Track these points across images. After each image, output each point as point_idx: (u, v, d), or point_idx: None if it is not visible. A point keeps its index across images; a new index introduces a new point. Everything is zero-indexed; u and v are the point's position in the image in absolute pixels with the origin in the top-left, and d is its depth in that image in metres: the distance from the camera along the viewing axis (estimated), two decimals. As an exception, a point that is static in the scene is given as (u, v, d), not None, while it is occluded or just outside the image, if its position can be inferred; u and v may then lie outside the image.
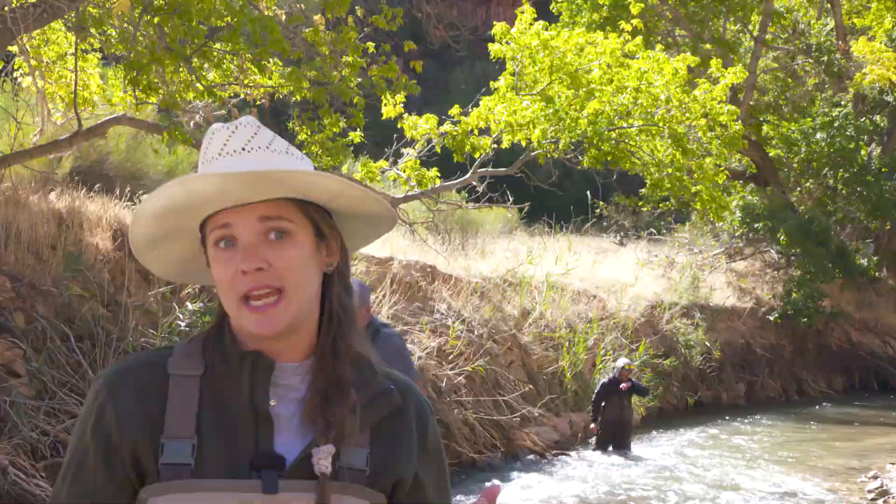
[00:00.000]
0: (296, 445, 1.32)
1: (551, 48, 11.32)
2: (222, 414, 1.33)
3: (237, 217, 1.33)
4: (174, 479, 1.28)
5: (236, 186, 1.31)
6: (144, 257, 1.45)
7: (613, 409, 10.71)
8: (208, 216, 1.36)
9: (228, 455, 1.30)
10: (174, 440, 1.29)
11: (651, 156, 12.25)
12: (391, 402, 1.40)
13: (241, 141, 1.36)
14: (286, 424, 1.34)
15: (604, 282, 15.24)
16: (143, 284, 7.60)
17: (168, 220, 1.38)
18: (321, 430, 1.31)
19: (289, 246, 1.34)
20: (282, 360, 1.37)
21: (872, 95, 19.42)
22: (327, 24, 8.79)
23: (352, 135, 8.94)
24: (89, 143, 9.90)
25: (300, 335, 1.38)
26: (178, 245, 1.44)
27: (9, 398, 5.68)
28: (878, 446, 11.73)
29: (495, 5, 52.99)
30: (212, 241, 1.35)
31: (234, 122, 1.40)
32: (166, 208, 1.36)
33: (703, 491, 8.93)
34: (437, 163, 11.47)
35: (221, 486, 1.27)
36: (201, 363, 1.36)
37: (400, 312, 10.06)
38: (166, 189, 1.34)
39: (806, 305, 16.61)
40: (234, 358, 1.35)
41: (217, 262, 1.34)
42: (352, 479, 1.33)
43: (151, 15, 7.24)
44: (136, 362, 1.38)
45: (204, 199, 1.33)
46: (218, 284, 1.35)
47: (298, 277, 1.34)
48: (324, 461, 1.29)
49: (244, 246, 1.32)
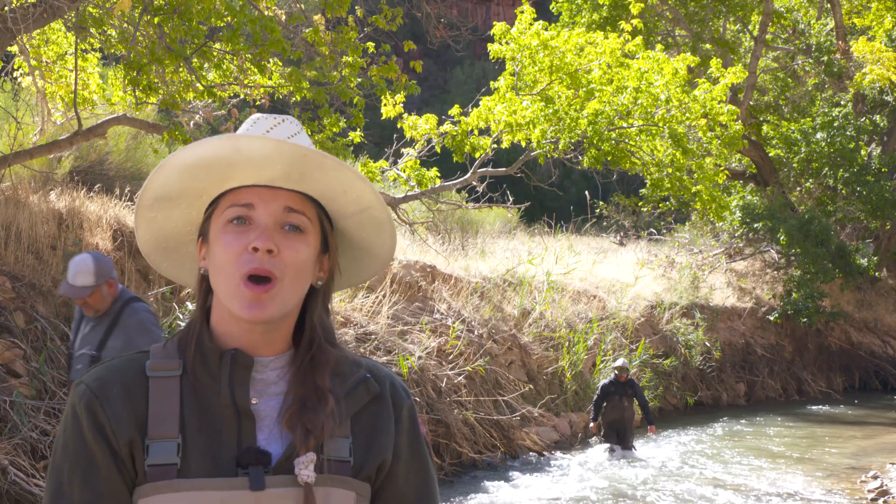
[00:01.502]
0: (278, 441, 1.33)
1: (551, 48, 11.33)
2: (204, 413, 1.33)
3: (261, 199, 1.34)
4: (161, 479, 1.28)
5: (284, 158, 1.32)
6: (144, 213, 1.42)
7: (614, 409, 10.72)
8: (228, 191, 1.36)
9: (213, 453, 1.30)
10: (159, 441, 1.30)
11: (651, 156, 12.26)
12: (369, 390, 1.41)
13: (285, 132, 1.39)
14: (268, 421, 1.35)
15: (604, 282, 15.25)
16: (143, 284, 7.60)
17: (193, 178, 1.37)
18: (300, 438, 1.31)
19: (300, 241, 1.35)
20: (258, 355, 1.37)
21: (872, 95, 19.42)
22: (327, 24, 8.79)
23: (352, 135, 8.94)
24: (89, 143, 9.91)
25: (277, 333, 1.38)
26: (177, 215, 1.43)
27: (9, 398, 5.68)
28: (878, 446, 11.74)
29: (495, 5, 53.05)
30: (224, 218, 1.35)
31: (280, 115, 1.42)
32: (202, 161, 1.34)
33: (703, 491, 8.93)
34: (437, 163, 11.48)
35: (209, 485, 1.28)
36: (179, 364, 1.36)
37: (400, 312, 10.07)
38: (212, 141, 1.33)
39: (806, 305, 16.61)
40: (214, 356, 1.35)
41: (225, 236, 1.34)
42: (337, 470, 1.33)
43: (151, 15, 7.24)
44: (115, 366, 1.37)
45: (247, 160, 1.32)
46: (218, 262, 1.34)
47: (297, 273, 1.35)
48: (305, 471, 1.29)
49: (262, 226, 1.33)
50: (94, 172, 10.48)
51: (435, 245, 13.41)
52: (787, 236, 16.83)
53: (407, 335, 9.75)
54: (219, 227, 1.36)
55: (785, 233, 16.86)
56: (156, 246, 1.47)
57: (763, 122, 20.16)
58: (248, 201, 1.34)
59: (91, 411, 1.31)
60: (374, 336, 9.27)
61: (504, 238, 18.33)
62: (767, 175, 19.33)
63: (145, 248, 1.47)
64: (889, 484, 8.91)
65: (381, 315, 9.66)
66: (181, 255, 1.48)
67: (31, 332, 6.32)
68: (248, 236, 1.33)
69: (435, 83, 45.36)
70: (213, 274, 1.36)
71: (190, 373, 1.35)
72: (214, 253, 1.36)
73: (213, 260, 1.36)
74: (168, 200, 1.41)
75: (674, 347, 14.61)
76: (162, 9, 7.18)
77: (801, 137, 18.28)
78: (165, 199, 1.41)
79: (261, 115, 1.42)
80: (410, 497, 1.42)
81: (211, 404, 1.33)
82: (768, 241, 18.12)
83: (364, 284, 9.99)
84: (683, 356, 14.70)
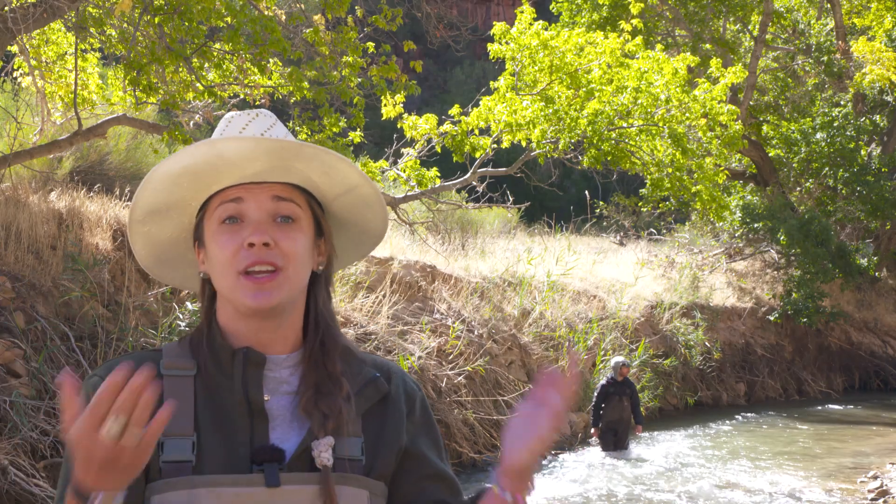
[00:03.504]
0: (291, 439, 1.33)
1: (551, 48, 11.33)
2: (218, 411, 1.34)
3: (250, 193, 1.36)
4: (176, 475, 1.28)
5: (264, 154, 1.33)
6: (137, 228, 1.43)
7: (614, 410, 10.72)
8: (215, 193, 1.38)
9: (228, 450, 1.31)
10: (174, 438, 1.30)
11: (651, 156, 12.25)
12: (378, 389, 1.42)
13: (260, 128, 1.40)
14: (280, 419, 1.35)
15: (604, 282, 15.25)
16: (143, 284, 7.60)
17: (180, 187, 1.38)
18: (318, 422, 1.32)
19: (294, 230, 1.37)
20: (270, 353, 1.38)
21: (872, 95, 19.42)
22: (327, 24, 8.79)
23: (352, 135, 8.95)
24: (89, 143, 9.91)
25: (287, 326, 1.39)
26: (170, 225, 1.44)
27: (9, 398, 5.67)
28: (878, 446, 11.73)
29: (495, 5, 53.05)
30: (217, 219, 1.36)
31: (253, 110, 1.43)
32: (185, 170, 1.35)
33: (703, 491, 8.93)
34: (437, 163, 11.48)
35: (224, 481, 1.28)
36: (193, 363, 1.37)
37: (400, 312, 10.06)
38: (191, 149, 1.34)
39: (806, 305, 16.61)
40: (226, 355, 1.36)
41: (220, 237, 1.35)
42: (350, 469, 1.34)
43: (151, 15, 7.24)
44: (128, 360, 1.36)
45: (229, 162, 1.33)
46: (217, 263, 1.36)
47: (298, 261, 1.36)
48: (325, 453, 1.30)
49: (254, 221, 1.35)
50: (94, 172, 10.48)
51: (435, 245, 13.41)
52: (787, 236, 16.83)
53: (407, 335, 9.75)
54: (212, 228, 1.37)
55: (785, 233, 16.86)
56: (154, 258, 1.49)
57: (763, 122, 20.16)
58: (237, 196, 1.36)
59: None
60: (374, 336, 9.27)
61: (504, 238, 18.33)
62: (767, 175, 19.33)
63: (144, 262, 1.49)
64: (889, 484, 8.90)
65: (381, 315, 9.66)
66: (180, 262, 1.50)
67: (31, 332, 6.32)
68: (241, 234, 1.34)
69: (435, 83, 45.36)
70: (214, 275, 1.37)
71: (204, 372, 1.36)
72: (211, 254, 1.37)
73: (211, 261, 1.37)
74: (158, 213, 1.42)
75: (674, 347, 14.61)
76: (162, 9, 7.18)
77: (801, 137, 18.28)
78: (156, 212, 1.42)
79: (234, 112, 1.43)
80: (432, 475, 1.44)
81: (225, 402, 1.34)
82: (768, 241, 18.12)
83: (364, 284, 9.99)
84: (683, 356, 14.70)
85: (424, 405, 1.48)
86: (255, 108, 8.03)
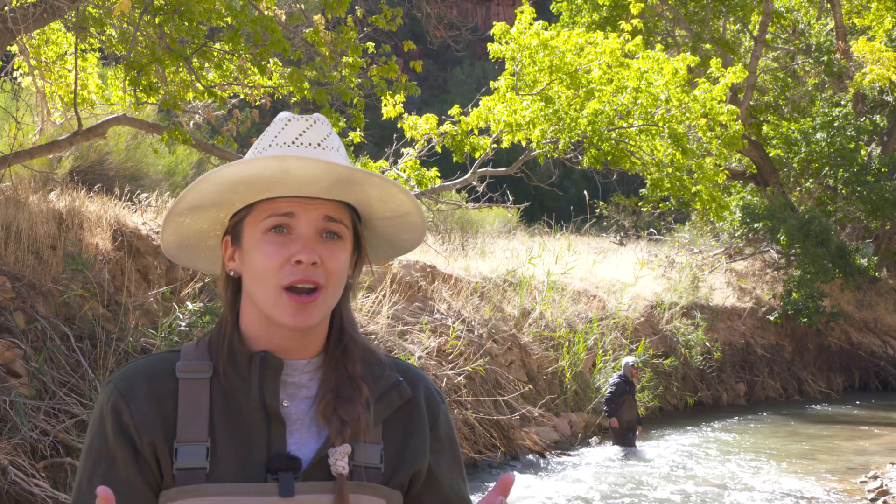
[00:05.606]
0: (309, 445, 1.32)
1: (551, 48, 11.32)
2: (234, 416, 1.32)
3: (301, 208, 1.34)
4: (190, 483, 1.27)
5: (330, 177, 1.32)
6: (174, 219, 1.42)
7: (630, 409, 10.76)
8: (262, 199, 1.36)
9: (242, 458, 1.29)
10: (188, 444, 1.29)
11: (651, 156, 12.25)
12: (401, 394, 1.41)
13: (317, 136, 1.39)
14: (298, 424, 1.33)
15: (604, 282, 15.24)
16: (142, 284, 7.60)
17: (233, 192, 1.36)
18: (336, 428, 1.31)
19: (339, 249, 1.36)
20: (290, 359, 1.37)
21: (872, 95, 19.42)
22: (327, 24, 8.79)
23: (352, 135, 8.95)
24: (89, 143, 9.91)
25: (313, 337, 1.38)
26: (205, 218, 1.42)
27: (9, 398, 5.67)
28: (878, 446, 11.73)
29: (495, 5, 53.03)
30: (263, 227, 1.34)
31: (310, 116, 1.42)
32: (247, 179, 1.33)
33: (703, 491, 8.93)
34: (437, 163, 11.48)
35: (238, 490, 1.26)
36: (209, 365, 1.35)
37: (400, 312, 10.06)
38: (260, 161, 1.31)
39: (806, 305, 16.61)
40: (243, 359, 1.34)
41: (266, 246, 1.33)
42: (367, 477, 1.32)
43: (152, 15, 7.24)
44: (144, 365, 1.36)
45: (293, 178, 1.32)
46: (258, 270, 1.33)
47: (338, 279, 1.36)
48: (341, 462, 1.29)
49: (304, 237, 1.33)
50: (94, 172, 10.49)
51: (435, 245, 13.41)
52: (787, 236, 16.83)
53: (407, 335, 9.75)
54: (257, 234, 1.35)
55: (785, 233, 16.86)
56: (178, 244, 1.48)
57: (763, 122, 20.16)
58: (289, 210, 1.34)
59: (116, 412, 1.31)
60: (374, 336, 9.27)
61: (504, 238, 18.33)
62: (767, 175, 19.34)
63: (168, 247, 1.47)
64: (889, 484, 8.90)
65: (381, 315, 9.65)
66: (201, 248, 1.48)
67: (31, 332, 6.32)
68: (289, 248, 1.32)
69: (435, 83, 45.34)
70: (251, 281, 1.35)
71: (220, 375, 1.34)
72: (253, 261, 1.34)
73: (251, 267, 1.35)
74: (201, 209, 1.41)
75: (674, 347, 14.61)
76: (162, 9, 7.18)
77: (801, 137, 18.28)
78: (199, 208, 1.41)
79: (290, 115, 1.41)
80: (453, 500, 1.43)
81: (241, 407, 1.32)
82: (768, 241, 18.12)
83: (364, 284, 9.98)
84: (683, 356, 14.70)
85: (447, 418, 1.47)
86: (256, 108, 7.93)
